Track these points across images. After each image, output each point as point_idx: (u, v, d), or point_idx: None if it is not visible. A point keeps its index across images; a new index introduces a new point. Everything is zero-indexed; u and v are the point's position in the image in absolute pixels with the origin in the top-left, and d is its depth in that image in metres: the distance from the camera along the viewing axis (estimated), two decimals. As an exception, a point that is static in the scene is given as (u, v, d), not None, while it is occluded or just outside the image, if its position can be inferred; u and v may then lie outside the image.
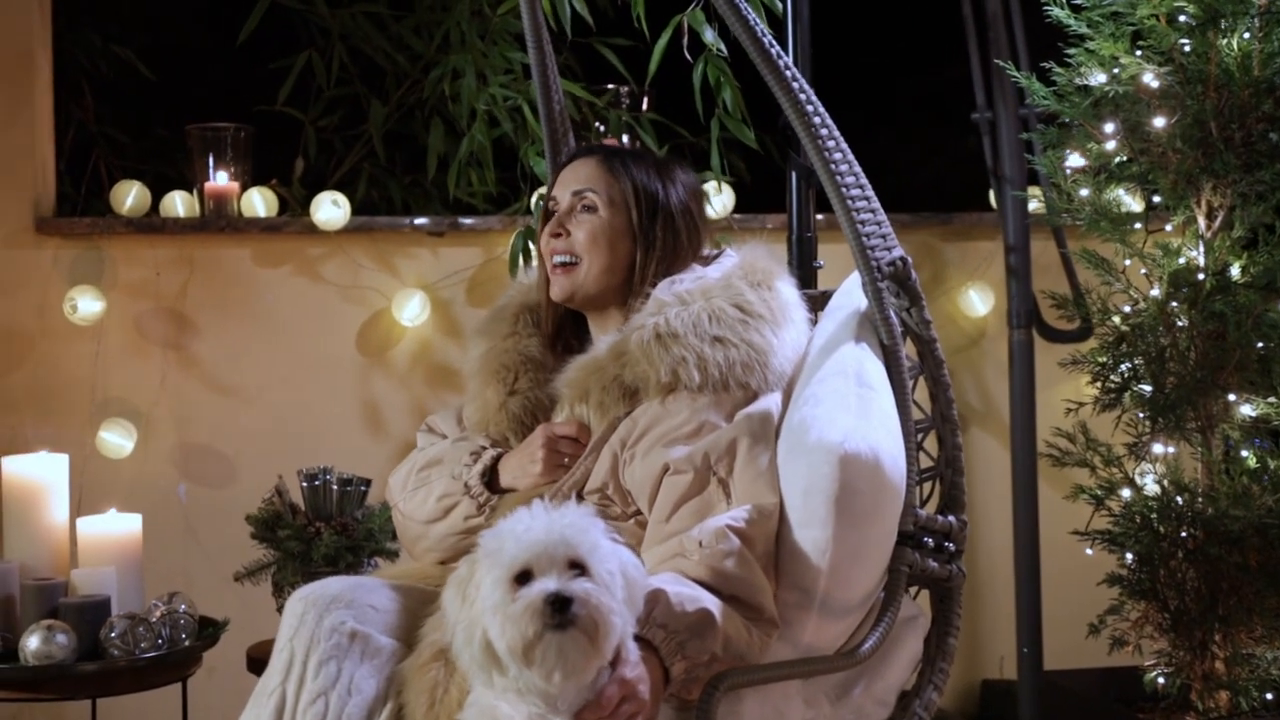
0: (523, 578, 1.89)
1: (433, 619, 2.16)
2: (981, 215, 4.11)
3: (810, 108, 2.27)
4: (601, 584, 1.89)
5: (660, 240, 2.41)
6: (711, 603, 2.04)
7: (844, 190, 2.28)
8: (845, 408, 2.20)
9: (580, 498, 2.32)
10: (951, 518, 2.37)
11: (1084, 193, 3.04)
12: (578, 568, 1.89)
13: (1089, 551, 3.17)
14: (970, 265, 4.12)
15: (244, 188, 3.99)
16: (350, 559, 3.15)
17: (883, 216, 2.34)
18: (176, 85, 4.57)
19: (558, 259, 2.42)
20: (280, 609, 3.09)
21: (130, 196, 3.88)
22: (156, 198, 3.98)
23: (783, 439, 2.26)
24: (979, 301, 4.07)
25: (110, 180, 4.14)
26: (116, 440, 3.75)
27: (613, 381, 2.32)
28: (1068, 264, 3.79)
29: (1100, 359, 3.07)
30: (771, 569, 2.16)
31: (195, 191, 3.99)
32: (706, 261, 2.48)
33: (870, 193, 2.33)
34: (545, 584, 1.86)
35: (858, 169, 2.32)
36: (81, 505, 3.59)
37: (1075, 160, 3.09)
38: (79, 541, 3.05)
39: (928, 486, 2.44)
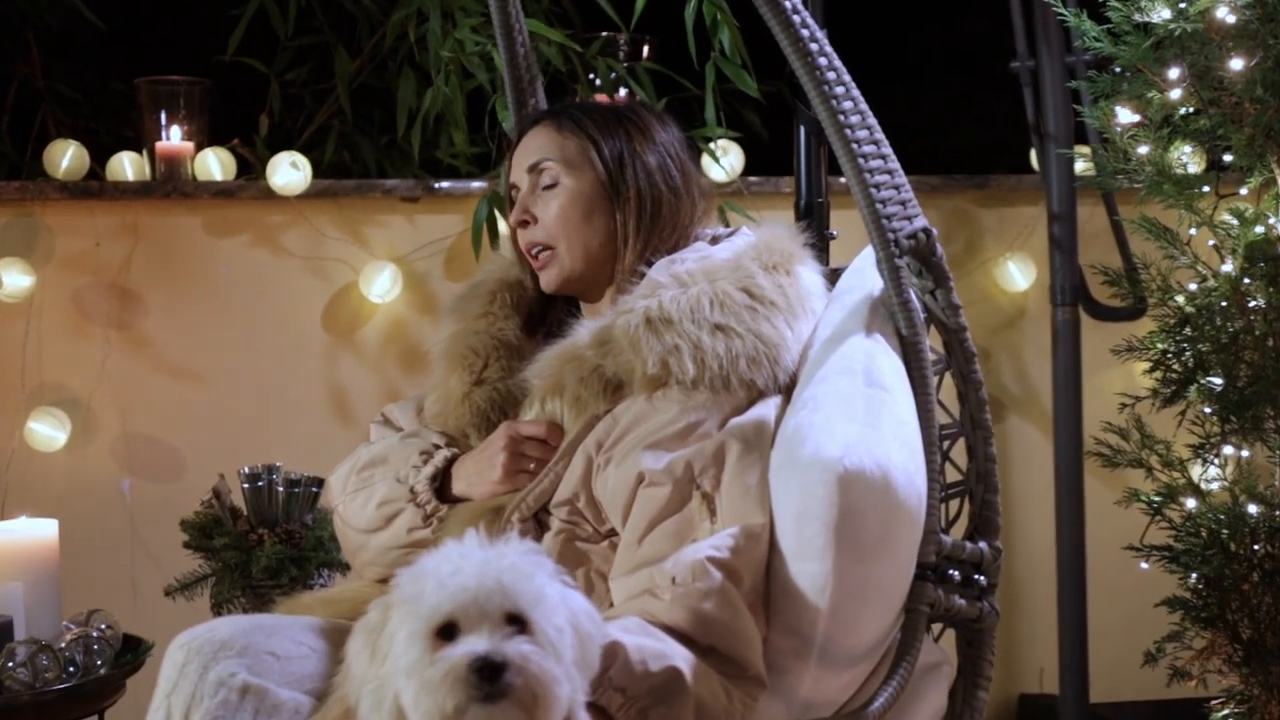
0: (446, 632, 1.57)
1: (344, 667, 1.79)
2: (1022, 178, 3.76)
3: (814, 46, 1.92)
4: (545, 644, 1.57)
5: (635, 193, 2.07)
6: (682, 658, 1.71)
7: (855, 147, 1.94)
8: (849, 414, 1.86)
9: (547, 512, 1.98)
10: (983, 544, 2.03)
11: (1142, 150, 2.65)
12: (516, 622, 1.57)
13: (1144, 565, 2.79)
14: (1009, 234, 3.77)
15: (199, 148, 3.62)
16: (295, 572, 2.81)
17: (902, 179, 2.00)
18: (133, 36, 4.19)
19: (534, 250, 2.12)
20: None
21: (66, 157, 3.50)
22: (108, 159, 3.63)
23: (775, 450, 1.91)
24: (1019, 275, 3.74)
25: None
26: (47, 431, 3.39)
27: (592, 373, 1.98)
28: (1119, 233, 3.44)
29: (1159, 345, 2.68)
30: (760, 608, 1.82)
31: (145, 153, 3.62)
32: (716, 241, 2.14)
33: (887, 150, 1.99)
34: (473, 644, 1.54)
35: (872, 121, 1.97)
36: (6, 507, 3.27)
37: (1130, 116, 2.69)
38: (-15, 552, 2.69)
39: (954, 505, 2.09)
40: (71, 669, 2.55)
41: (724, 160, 3.49)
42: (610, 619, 1.78)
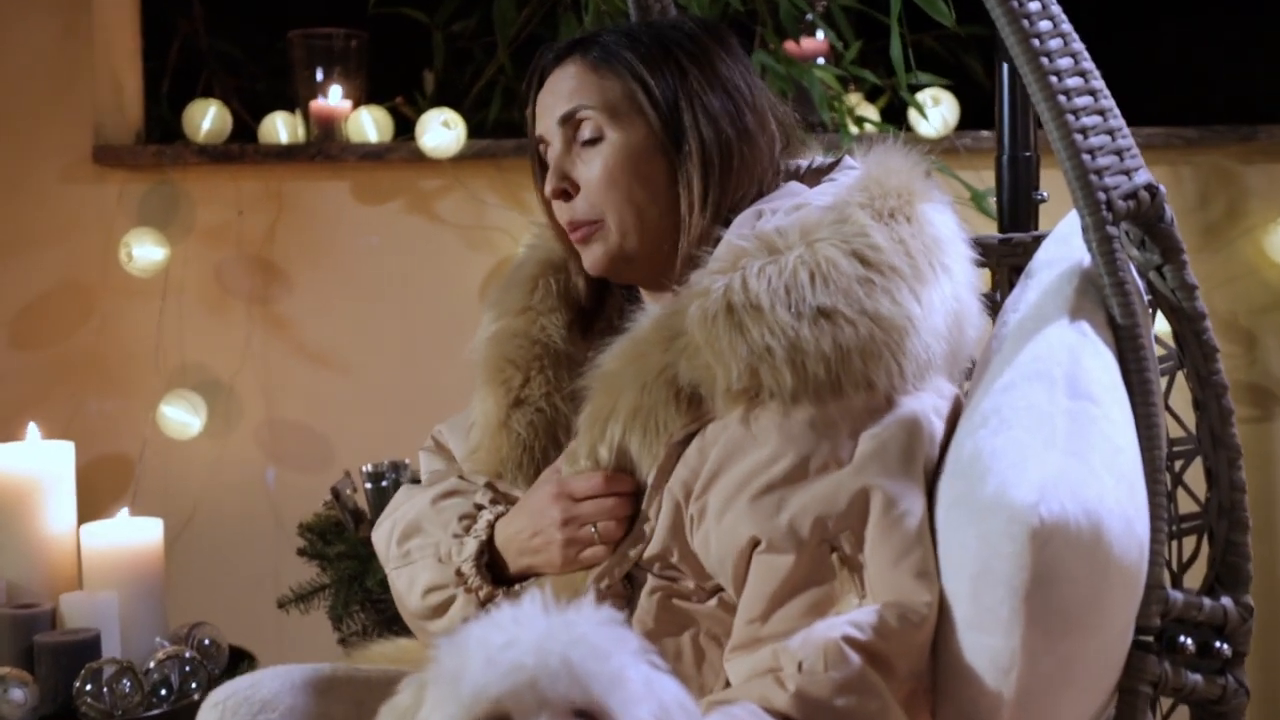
0: (495, 726, 1.22)
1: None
2: (1296, 128, 3.24)
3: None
4: None
5: (699, 146, 1.60)
6: None
7: (1054, 79, 1.48)
8: (1047, 437, 1.41)
9: (638, 566, 1.56)
10: (1227, 600, 1.56)
11: None
12: (586, 717, 1.22)
13: None
14: (1280, 195, 3.25)
15: (357, 107, 3.33)
16: (415, 586, 2.46)
17: (1119, 123, 1.53)
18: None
19: (576, 227, 1.65)
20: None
21: (207, 119, 3.26)
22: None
23: (945, 480, 1.46)
24: (1292, 245, 3.21)
25: (225, 103, 3.52)
26: (181, 418, 3.15)
27: (657, 377, 1.52)
28: None
29: None
30: (923, 702, 1.42)
31: (300, 113, 3.34)
32: (816, 178, 1.66)
33: (1098, 84, 1.52)
34: None
35: (1078, 47, 1.51)
36: (137, 497, 3.05)
37: None
38: (83, 555, 2.44)
39: (1189, 544, 1.62)
40: (164, 691, 2.28)
41: (933, 112, 3.02)
42: (718, 704, 1.38)
